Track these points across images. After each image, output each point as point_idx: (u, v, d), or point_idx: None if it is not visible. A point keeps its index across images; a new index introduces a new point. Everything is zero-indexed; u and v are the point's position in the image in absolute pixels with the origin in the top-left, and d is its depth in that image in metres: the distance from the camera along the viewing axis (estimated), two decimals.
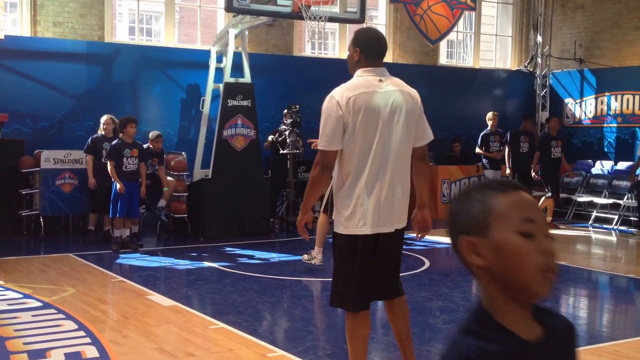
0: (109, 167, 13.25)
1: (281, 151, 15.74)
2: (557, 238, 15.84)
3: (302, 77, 17.92)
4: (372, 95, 5.64)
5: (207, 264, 12.23)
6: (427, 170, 6.08)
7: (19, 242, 14.06)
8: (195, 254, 13.11)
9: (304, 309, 9.37)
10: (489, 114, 18.52)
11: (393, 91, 5.73)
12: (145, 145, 14.40)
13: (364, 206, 5.66)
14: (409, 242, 14.48)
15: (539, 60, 21.28)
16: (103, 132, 14.24)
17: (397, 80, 5.87)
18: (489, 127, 18.38)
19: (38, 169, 14.62)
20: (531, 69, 21.59)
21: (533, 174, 17.18)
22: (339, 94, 5.63)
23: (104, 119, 14.26)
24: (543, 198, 17.11)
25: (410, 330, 6.17)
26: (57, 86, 15.46)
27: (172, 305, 9.31)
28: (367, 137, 5.63)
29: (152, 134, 14.73)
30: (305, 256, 11.82)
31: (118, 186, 13.14)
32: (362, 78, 5.73)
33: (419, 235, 6.10)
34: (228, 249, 13.74)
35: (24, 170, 14.66)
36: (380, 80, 5.73)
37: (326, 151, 5.66)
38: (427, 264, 12.49)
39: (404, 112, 5.74)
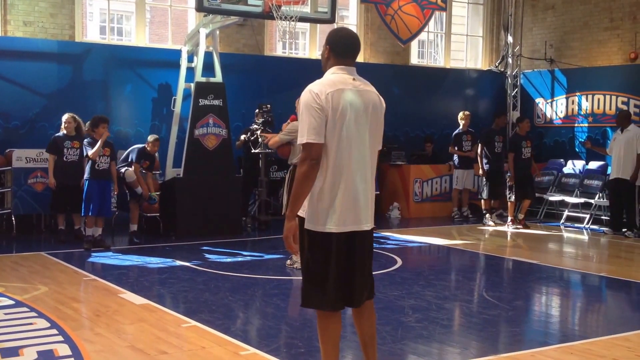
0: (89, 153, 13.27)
1: (253, 150, 15.73)
2: (529, 237, 15.93)
3: (273, 76, 17.91)
4: (348, 92, 5.56)
5: (179, 262, 12.18)
6: None
7: None
8: (167, 253, 13.08)
9: (277, 307, 9.36)
10: (461, 114, 18.60)
11: (367, 91, 5.70)
12: (141, 145, 14.50)
13: (343, 204, 5.56)
14: (381, 240, 14.65)
15: (510, 60, 21.34)
16: (65, 131, 14.18)
17: (367, 82, 5.82)
18: (460, 127, 18.46)
19: (10, 167, 14.59)
20: (502, 69, 21.66)
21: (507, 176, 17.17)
22: (318, 89, 5.51)
23: (65, 117, 14.14)
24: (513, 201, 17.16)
25: (376, 334, 6.05)
26: (29, 85, 15.38)
27: (145, 304, 9.28)
28: (345, 134, 5.53)
29: (150, 137, 14.64)
30: (288, 261, 11.87)
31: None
32: (337, 75, 5.66)
33: None
34: (200, 247, 13.69)
35: None
36: (354, 79, 5.68)
37: (313, 144, 5.44)
38: (400, 262, 12.51)
39: (377, 112, 5.73)
